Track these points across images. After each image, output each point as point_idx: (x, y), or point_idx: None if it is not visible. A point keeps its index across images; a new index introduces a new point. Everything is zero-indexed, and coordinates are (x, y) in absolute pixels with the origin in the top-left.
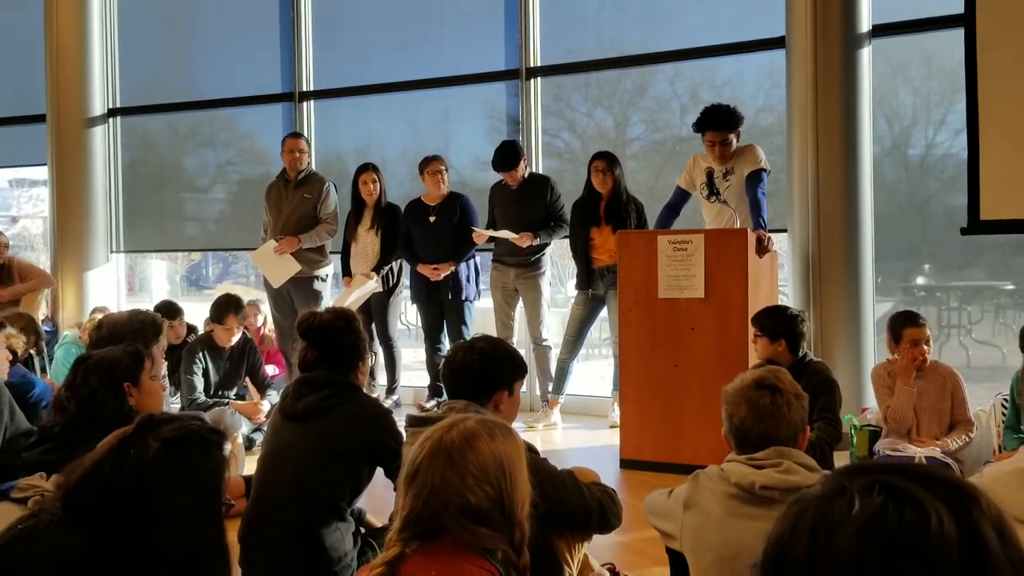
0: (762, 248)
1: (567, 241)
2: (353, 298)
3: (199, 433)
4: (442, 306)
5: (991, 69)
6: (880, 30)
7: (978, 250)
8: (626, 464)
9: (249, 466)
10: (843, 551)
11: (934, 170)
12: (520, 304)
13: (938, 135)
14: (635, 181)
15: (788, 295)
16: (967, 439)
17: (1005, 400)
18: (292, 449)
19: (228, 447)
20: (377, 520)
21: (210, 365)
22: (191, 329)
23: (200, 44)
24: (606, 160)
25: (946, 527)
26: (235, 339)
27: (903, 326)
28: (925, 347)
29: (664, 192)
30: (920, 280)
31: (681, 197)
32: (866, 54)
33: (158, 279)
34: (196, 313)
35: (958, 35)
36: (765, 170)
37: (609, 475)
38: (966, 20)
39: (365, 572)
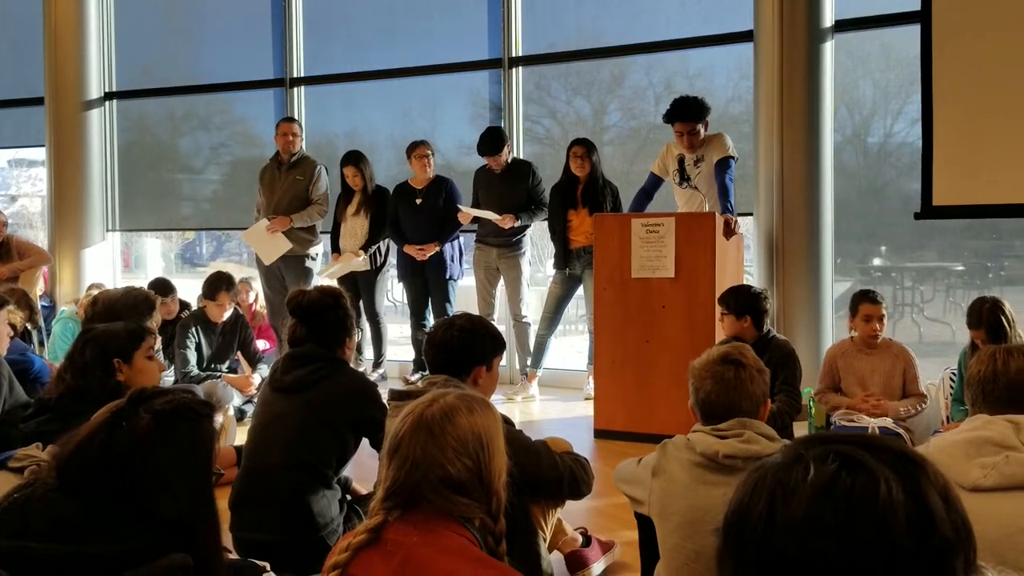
0: (729, 231)
1: (546, 223)
2: (336, 268)
3: (189, 406)
4: (427, 284)
5: (945, 63)
6: (842, 25)
7: (931, 233)
8: (600, 434)
9: (240, 437)
10: (799, 515)
11: (891, 158)
12: (501, 282)
13: (895, 124)
14: (611, 166)
15: (753, 275)
16: (919, 408)
17: (953, 374)
18: (281, 420)
19: (219, 419)
20: (363, 488)
21: (203, 340)
22: (184, 305)
23: (194, 30)
24: (584, 146)
25: (895, 493)
26: (227, 315)
27: (860, 301)
28: (877, 324)
29: (638, 177)
30: (876, 261)
31: (654, 183)
32: (829, 48)
33: (153, 257)
34: (189, 290)
35: (915, 31)
36: (733, 157)
37: (584, 445)
38: (922, 16)
39: (349, 538)
